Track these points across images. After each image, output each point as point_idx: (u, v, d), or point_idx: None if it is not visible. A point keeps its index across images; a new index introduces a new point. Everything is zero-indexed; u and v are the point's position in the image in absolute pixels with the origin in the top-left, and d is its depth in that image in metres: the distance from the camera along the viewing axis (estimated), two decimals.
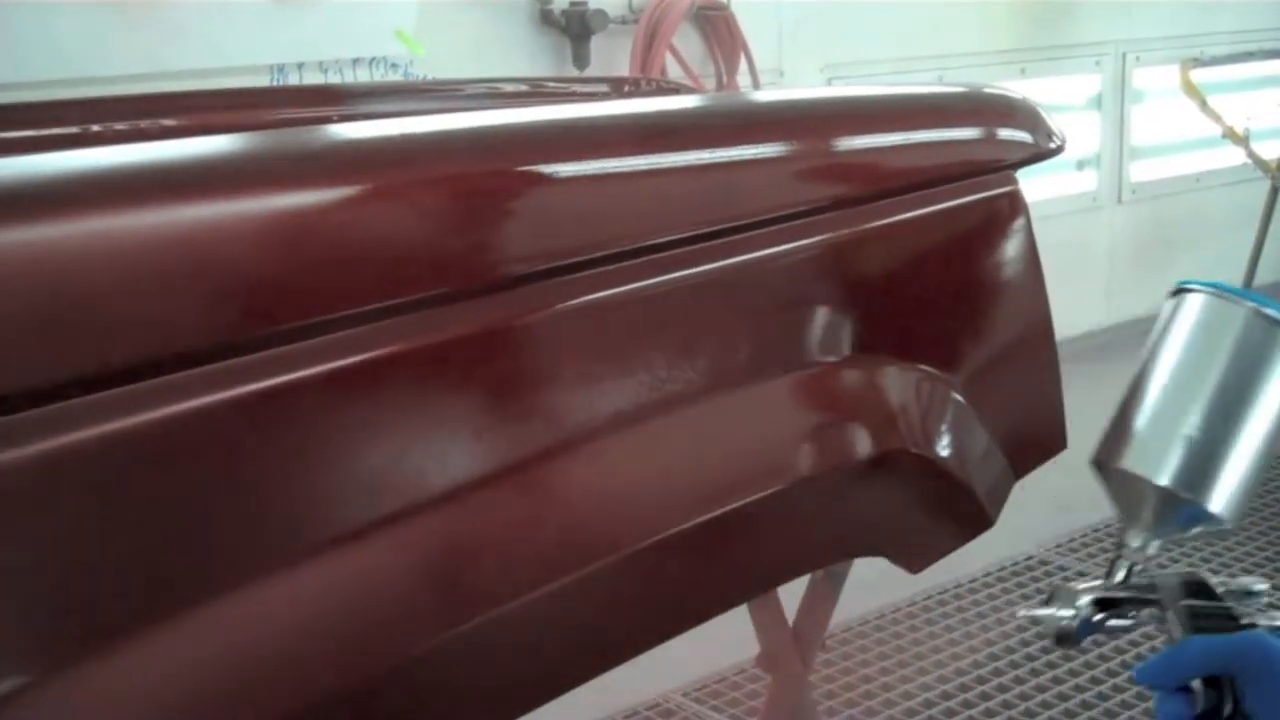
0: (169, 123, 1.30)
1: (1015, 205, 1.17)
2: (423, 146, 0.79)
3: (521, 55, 3.36)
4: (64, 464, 0.61)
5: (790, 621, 1.48)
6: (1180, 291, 0.97)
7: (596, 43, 3.39)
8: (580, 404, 0.84)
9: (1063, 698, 2.37)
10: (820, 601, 1.45)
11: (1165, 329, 0.97)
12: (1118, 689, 2.38)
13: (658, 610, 0.91)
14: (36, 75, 2.57)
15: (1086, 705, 2.34)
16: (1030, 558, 2.99)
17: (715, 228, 0.92)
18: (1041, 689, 2.40)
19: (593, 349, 0.85)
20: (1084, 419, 1.24)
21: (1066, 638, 0.91)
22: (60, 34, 2.61)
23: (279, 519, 0.69)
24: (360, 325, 0.70)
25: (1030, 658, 2.52)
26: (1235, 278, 4.74)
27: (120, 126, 1.27)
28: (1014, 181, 1.18)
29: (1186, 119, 4.83)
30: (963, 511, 1.14)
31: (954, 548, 1.18)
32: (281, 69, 2.93)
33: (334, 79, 3.01)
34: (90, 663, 0.62)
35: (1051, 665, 2.48)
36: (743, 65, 3.63)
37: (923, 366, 1.10)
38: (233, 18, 2.80)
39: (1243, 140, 4.69)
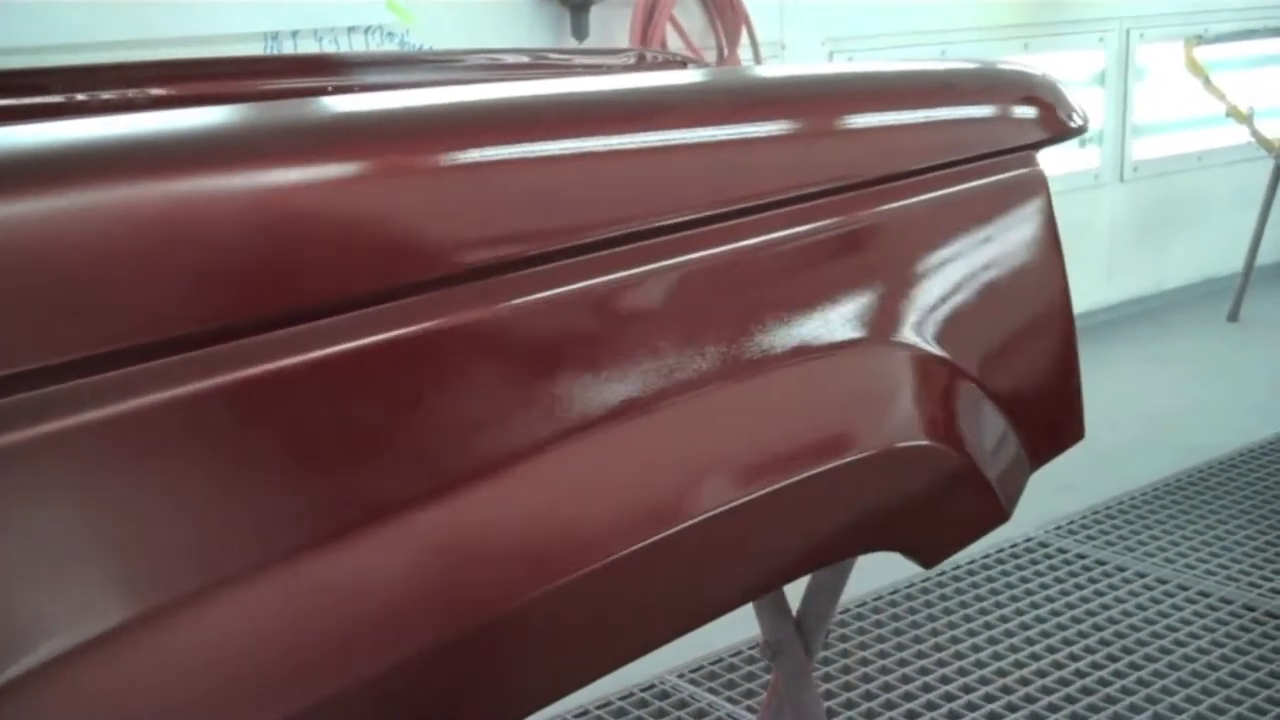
0: (188, 91, 1.28)
1: (1036, 188, 1.14)
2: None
3: (520, 25, 3.32)
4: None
5: (793, 611, 1.45)
6: None
7: (595, 13, 3.35)
8: (582, 396, 0.81)
9: (1064, 682, 2.35)
10: (825, 591, 1.42)
11: None
12: (1119, 674, 2.37)
13: (680, 600, 0.88)
14: (28, 41, 2.54)
15: (1087, 690, 2.32)
16: (1030, 539, 2.97)
17: (730, 209, 0.89)
18: (1043, 673, 2.38)
19: (595, 339, 0.82)
20: (1086, 399, 1.22)
21: None
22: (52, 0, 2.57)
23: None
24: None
25: (1031, 641, 2.50)
26: (1237, 258, 4.73)
27: (155, 92, 1.25)
28: (1035, 162, 1.14)
29: (1189, 97, 4.80)
30: (978, 503, 1.11)
31: (968, 541, 1.15)
32: (275, 37, 2.89)
33: (329, 47, 2.96)
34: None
35: (1052, 649, 2.47)
36: (744, 38, 3.59)
37: (939, 353, 1.06)
38: None
39: (1246, 119, 4.67)
